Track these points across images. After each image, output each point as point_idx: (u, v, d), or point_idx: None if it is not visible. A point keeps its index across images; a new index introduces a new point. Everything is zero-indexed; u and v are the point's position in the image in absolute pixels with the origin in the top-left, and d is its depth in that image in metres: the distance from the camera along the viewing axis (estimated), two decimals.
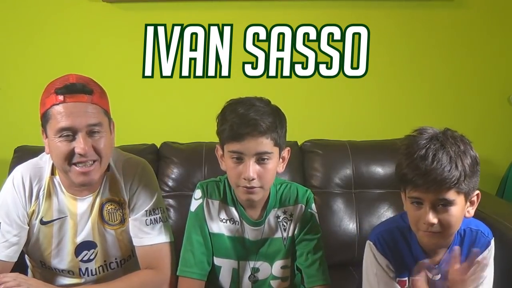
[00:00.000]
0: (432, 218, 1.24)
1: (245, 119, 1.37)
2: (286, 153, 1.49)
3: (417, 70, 2.48)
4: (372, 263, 1.39)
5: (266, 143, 1.38)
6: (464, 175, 1.23)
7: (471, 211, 1.31)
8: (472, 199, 1.30)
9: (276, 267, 1.53)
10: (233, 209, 1.52)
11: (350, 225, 2.06)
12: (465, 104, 2.51)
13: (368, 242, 1.41)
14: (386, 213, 2.07)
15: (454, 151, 1.24)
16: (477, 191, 1.30)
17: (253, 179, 1.39)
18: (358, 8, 2.41)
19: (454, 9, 2.44)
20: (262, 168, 1.40)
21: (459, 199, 1.25)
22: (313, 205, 1.55)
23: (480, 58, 2.48)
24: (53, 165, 1.47)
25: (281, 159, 1.47)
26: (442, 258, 1.36)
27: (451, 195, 1.23)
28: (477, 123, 2.52)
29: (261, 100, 1.44)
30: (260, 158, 1.39)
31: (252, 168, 1.38)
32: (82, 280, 1.50)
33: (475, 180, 1.27)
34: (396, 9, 2.42)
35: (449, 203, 1.24)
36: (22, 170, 1.48)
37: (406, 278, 1.38)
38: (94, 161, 1.38)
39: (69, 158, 1.36)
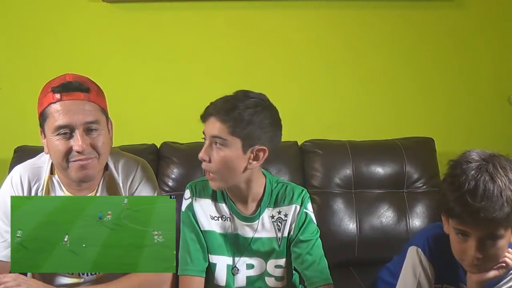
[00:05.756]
0: (479, 254, 1.20)
1: (214, 102, 1.43)
2: (262, 153, 1.43)
3: (417, 70, 2.48)
4: (417, 266, 1.35)
5: (218, 127, 1.39)
6: None
7: None
8: None
9: (270, 266, 1.53)
10: (223, 205, 1.52)
11: (350, 225, 2.06)
12: (465, 104, 2.51)
13: (413, 247, 1.37)
14: (386, 213, 2.07)
15: (504, 183, 1.17)
16: None
17: (204, 160, 1.42)
18: (358, 8, 2.41)
19: (454, 9, 2.44)
20: (216, 153, 1.41)
21: (508, 232, 1.21)
22: (309, 205, 1.54)
23: (480, 58, 2.48)
24: (52, 164, 1.47)
25: (252, 155, 1.42)
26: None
27: (501, 230, 1.19)
28: (477, 123, 2.52)
29: (257, 93, 1.45)
30: (214, 142, 1.41)
31: (207, 150, 1.41)
32: (82, 280, 1.50)
33: None
34: (396, 9, 2.42)
35: (497, 237, 1.20)
36: (21, 170, 1.48)
37: (440, 285, 1.37)
38: (92, 158, 1.38)
39: (67, 155, 1.36)
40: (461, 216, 1.19)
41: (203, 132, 1.44)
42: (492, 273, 1.26)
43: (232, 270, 1.52)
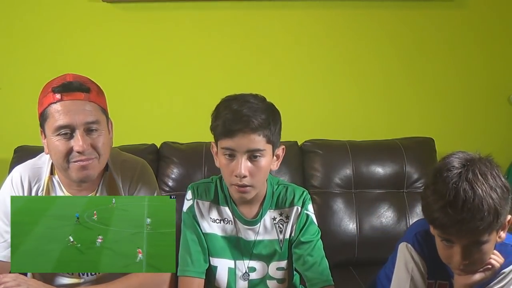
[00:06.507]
0: (464, 260, 1.21)
1: (238, 115, 1.36)
2: (280, 151, 1.48)
3: (417, 70, 2.48)
4: (409, 261, 1.35)
5: (258, 140, 1.37)
6: (497, 214, 1.16)
7: (503, 235, 1.25)
8: (503, 224, 1.23)
9: (272, 268, 1.53)
10: (226, 209, 1.52)
11: (350, 225, 2.06)
12: (465, 104, 2.51)
13: (403, 243, 1.38)
14: (386, 213, 2.07)
15: (484, 191, 1.15)
16: (509, 216, 1.23)
17: (244, 176, 1.38)
18: (358, 8, 2.41)
19: (454, 9, 2.44)
20: (254, 166, 1.39)
21: (492, 235, 1.21)
22: (310, 206, 1.54)
23: (480, 58, 2.48)
24: (52, 164, 1.47)
25: (275, 157, 1.46)
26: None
27: (485, 236, 1.19)
28: (477, 123, 2.52)
29: (256, 96, 1.43)
30: (252, 155, 1.38)
31: (244, 165, 1.37)
32: (82, 281, 1.50)
33: (507, 209, 1.19)
34: (396, 9, 2.42)
35: (482, 243, 1.20)
36: (21, 170, 1.48)
37: (434, 281, 1.37)
38: (92, 158, 1.38)
39: (68, 156, 1.37)
40: (444, 226, 1.19)
41: (227, 148, 1.38)
42: (479, 276, 1.26)
43: (243, 276, 1.52)
